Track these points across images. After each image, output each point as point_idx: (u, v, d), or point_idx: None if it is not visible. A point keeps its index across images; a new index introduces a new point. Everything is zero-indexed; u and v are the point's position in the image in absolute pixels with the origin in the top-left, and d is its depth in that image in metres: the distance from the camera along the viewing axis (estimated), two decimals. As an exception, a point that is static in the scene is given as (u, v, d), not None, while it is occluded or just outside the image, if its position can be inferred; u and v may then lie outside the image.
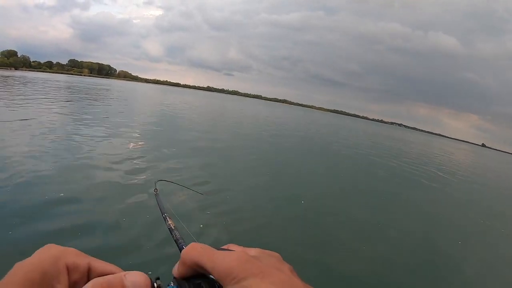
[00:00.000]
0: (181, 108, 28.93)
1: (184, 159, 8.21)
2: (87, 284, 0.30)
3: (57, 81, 46.67)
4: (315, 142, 18.53)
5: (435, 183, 11.85)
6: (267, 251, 0.40)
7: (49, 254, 0.31)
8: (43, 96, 18.92)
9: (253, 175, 8.00)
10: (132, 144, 8.88)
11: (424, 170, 14.50)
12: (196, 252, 0.36)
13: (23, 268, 0.29)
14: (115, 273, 0.34)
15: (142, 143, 9.35)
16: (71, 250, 0.34)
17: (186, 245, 0.80)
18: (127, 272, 0.34)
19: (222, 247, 0.43)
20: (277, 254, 0.40)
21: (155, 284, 0.35)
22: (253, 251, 0.40)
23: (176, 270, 0.38)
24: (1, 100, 14.37)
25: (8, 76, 42.67)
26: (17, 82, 30.85)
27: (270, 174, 8.40)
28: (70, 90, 30.52)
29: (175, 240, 0.91)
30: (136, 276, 0.33)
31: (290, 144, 15.45)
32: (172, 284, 0.37)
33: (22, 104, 13.89)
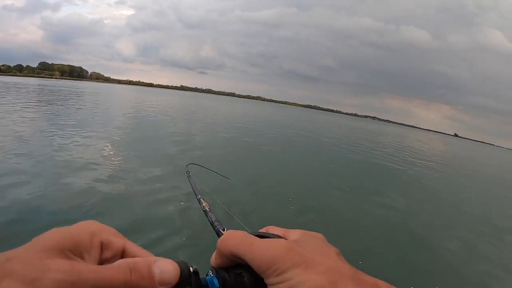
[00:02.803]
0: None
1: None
2: (116, 262, 0.30)
3: (35, 85, 45.43)
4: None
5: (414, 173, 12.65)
6: (310, 232, 0.38)
7: (87, 228, 0.32)
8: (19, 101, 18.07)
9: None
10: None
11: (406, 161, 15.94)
12: (233, 241, 0.34)
13: (59, 233, 0.29)
14: None
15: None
16: (110, 229, 0.34)
17: (222, 228, 0.93)
18: (158, 258, 0.32)
19: (260, 231, 0.40)
20: (320, 236, 0.38)
21: (191, 269, 0.33)
22: (295, 234, 0.38)
23: (213, 259, 0.36)
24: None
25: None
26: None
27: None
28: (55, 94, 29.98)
29: (210, 223, 0.92)
30: (166, 264, 0.31)
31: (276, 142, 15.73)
32: (210, 274, 0.35)
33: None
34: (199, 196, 1.23)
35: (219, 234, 0.83)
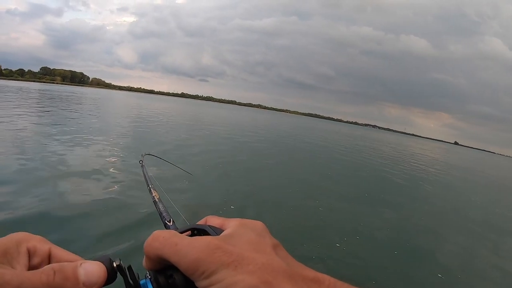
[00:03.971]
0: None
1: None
2: (42, 269, 0.29)
3: (38, 90, 45.23)
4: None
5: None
6: (247, 222, 0.36)
7: (13, 237, 0.32)
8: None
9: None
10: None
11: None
12: (158, 243, 0.32)
13: None
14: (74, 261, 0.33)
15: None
16: (36, 236, 0.34)
17: (168, 220, 0.89)
18: (86, 260, 0.31)
19: (199, 223, 0.39)
20: (259, 226, 0.36)
21: (114, 264, 0.31)
22: (231, 225, 0.35)
23: (144, 263, 0.33)
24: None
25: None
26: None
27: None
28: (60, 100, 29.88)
29: (159, 214, 0.93)
30: (92, 265, 0.30)
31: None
32: (148, 276, 0.33)
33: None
34: (150, 185, 1.18)
35: (166, 226, 0.84)
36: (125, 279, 0.32)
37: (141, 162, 1.55)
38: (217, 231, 0.35)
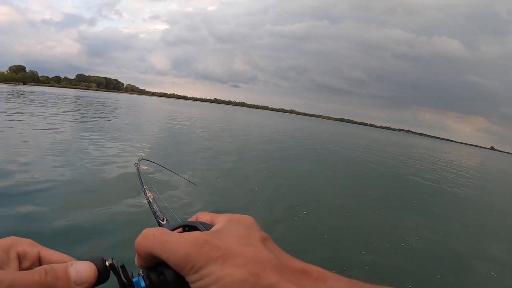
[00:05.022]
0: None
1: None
2: (34, 269, 0.29)
3: (78, 96, 46.27)
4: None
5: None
6: (236, 217, 0.36)
7: (2, 244, 0.32)
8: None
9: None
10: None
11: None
12: (148, 241, 0.32)
13: None
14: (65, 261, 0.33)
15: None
16: (25, 240, 0.34)
17: (161, 218, 0.89)
18: (77, 261, 0.32)
19: (190, 219, 0.40)
20: (249, 220, 0.36)
21: (107, 263, 0.32)
22: (221, 220, 0.36)
23: (136, 261, 0.34)
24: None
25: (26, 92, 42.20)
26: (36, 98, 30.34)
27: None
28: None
29: (153, 213, 0.93)
30: (83, 264, 0.31)
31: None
32: (141, 274, 0.34)
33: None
34: (145, 187, 1.25)
35: (159, 225, 0.86)
36: (118, 278, 0.33)
37: (136, 165, 1.55)
38: (207, 227, 0.36)
